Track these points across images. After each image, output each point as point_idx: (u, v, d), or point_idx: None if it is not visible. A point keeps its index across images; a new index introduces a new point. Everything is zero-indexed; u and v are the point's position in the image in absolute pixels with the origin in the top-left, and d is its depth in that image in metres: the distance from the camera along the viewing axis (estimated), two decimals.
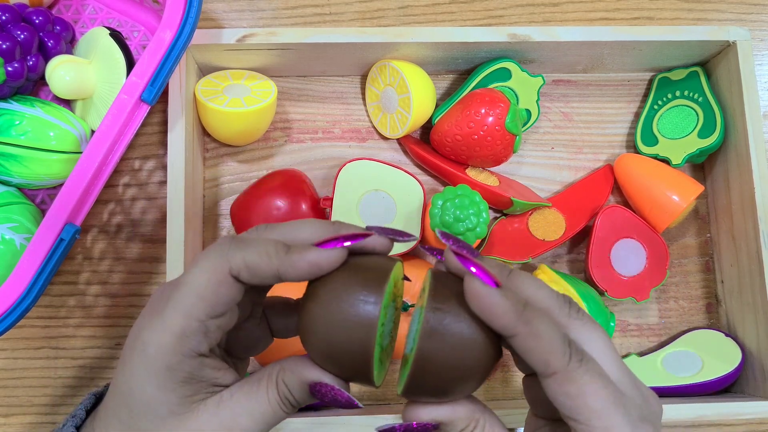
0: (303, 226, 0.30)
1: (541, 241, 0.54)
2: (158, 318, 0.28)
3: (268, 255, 0.28)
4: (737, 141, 0.53)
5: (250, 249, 0.28)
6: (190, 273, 0.29)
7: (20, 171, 0.47)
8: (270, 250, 0.28)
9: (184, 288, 0.28)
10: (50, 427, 0.53)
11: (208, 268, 0.28)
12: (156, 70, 0.45)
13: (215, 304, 0.28)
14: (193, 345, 0.29)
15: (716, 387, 0.52)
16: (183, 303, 0.28)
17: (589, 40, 0.52)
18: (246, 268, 0.28)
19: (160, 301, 0.29)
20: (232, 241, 0.29)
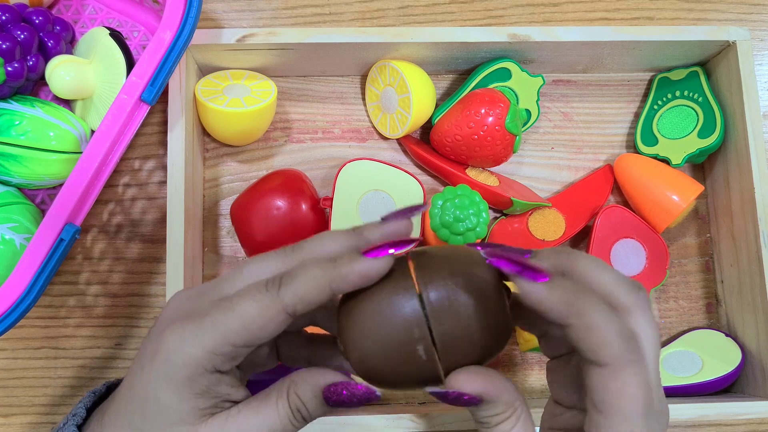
0: (325, 240, 0.31)
1: (541, 241, 0.54)
2: (192, 330, 0.28)
3: (316, 279, 0.28)
4: (737, 141, 0.53)
5: (299, 279, 0.28)
6: (240, 301, 0.29)
7: (20, 171, 0.47)
8: (317, 274, 0.28)
9: (232, 314, 0.28)
10: (50, 427, 0.53)
11: (261, 303, 0.28)
12: (156, 70, 0.45)
13: (259, 337, 0.29)
14: (218, 363, 0.29)
15: (716, 387, 0.52)
16: (226, 326, 0.28)
17: (589, 40, 0.52)
18: (300, 301, 0.28)
19: (194, 314, 0.29)
20: (278, 279, 0.29)
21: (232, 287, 0.30)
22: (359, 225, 0.32)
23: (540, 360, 0.55)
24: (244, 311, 0.28)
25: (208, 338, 0.28)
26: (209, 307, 0.29)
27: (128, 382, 0.30)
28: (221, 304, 0.29)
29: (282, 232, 0.50)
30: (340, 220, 0.50)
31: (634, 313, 0.28)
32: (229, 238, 0.55)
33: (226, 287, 0.30)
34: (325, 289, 0.28)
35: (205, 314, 0.29)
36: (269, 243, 0.50)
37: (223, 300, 0.29)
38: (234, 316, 0.28)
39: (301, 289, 0.28)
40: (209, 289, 0.31)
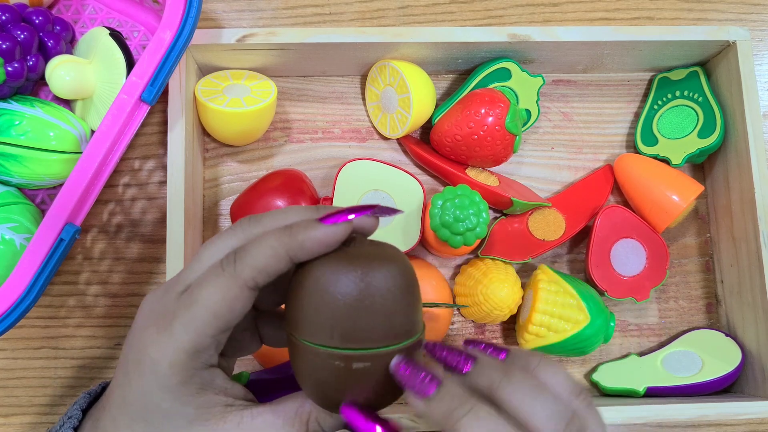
0: (287, 212, 0.30)
1: (541, 241, 0.54)
2: (166, 335, 0.28)
3: (273, 248, 0.28)
4: (737, 141, 0.53)
5: (254, 252, 0.28)
6: (200, 290, 0.28)
7: (20, 171, 0.47)
8: (273, 242, 0.28)
9: (196, 307, 0.28)
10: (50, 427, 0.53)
11: (220, 285, 0.28)
12: (156, 70, 0.45)
13: (230, 319, 0.28)
14: (206, 359, 0.29)
15: (716, 387, 0.52)
16: (195, 322, 0.28)
17: (589, 40, 0.52)
18: (259, 273, 0.28)
19: (163, 316, 0.29)
20: (233, 255, 0.28)
21: (193, 274, 0.29)
22: (322, 205, 0.31)
23: None
24: (207, 299, 0.28)
25: (184, 340, 0.28)
26: (175, 305, 0.29)
27: (119, 391, 0.30)
28: (184, 299, 0.28)
29: None
30: None
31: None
32: None
33: (188, 276, 0.30)
34: (283, 257, 0.28)
35: (173, 315, 0.28)
36: None
37: (186, 294, 0.29)
38: (199, 309, 0.28)
39: (258, 261, 0.28)
40: (174, 282, 0.30)
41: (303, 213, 0.30)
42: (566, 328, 0.49)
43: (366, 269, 0.28)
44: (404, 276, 0.29)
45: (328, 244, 0.28)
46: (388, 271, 0.28)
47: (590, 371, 0.55)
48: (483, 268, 0.52)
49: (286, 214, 0.30)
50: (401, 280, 0.29)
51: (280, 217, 0.30)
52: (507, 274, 0.51)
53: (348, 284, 0.27)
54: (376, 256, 0.29)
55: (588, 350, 0.51)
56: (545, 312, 0.50)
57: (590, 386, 0.55)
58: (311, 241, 0.28)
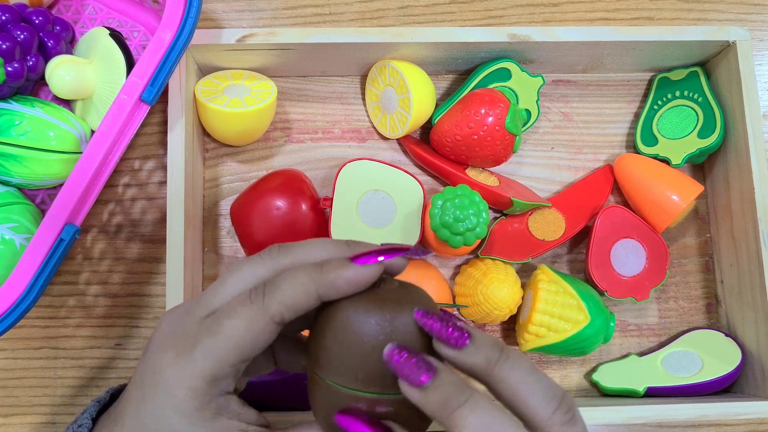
0: (316, 246, 0.30)
1: (541, 241, 0.54)
2: (186, 360, 0.28)
3: (303, 286, 0.28)
4: (737, 141, 0.53)
5: (284, 288, 0.28)
6: (225, 320, 0.28)
7: (20, 171, 0.47)
8: (304, 279, 0.28)
9: (221, 336, 0.28)
10: (50, 428, 0.53)
11: (247, 317, 0.28)
12: (156, 70, 0.45)
13: (252, 351, 0.28)
14: (223, 386, 0.29)
15: (716, 387, 0.52)
16: (218, 350, 0.28)
17: (589, 40, 0.52)
18: (287, 309, 0.28)
19: (183, 339, 0.29)
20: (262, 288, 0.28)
21: (217, 299, 0.29)
22: (353, 240, 0.31)
23: (540, 360, 0.55)
24: (232, 330, 0.28)
25: (205, 367, 0.28)
26: (197, 329, 0.29)
27: (134, 409, 0.30)
28: (208, 326, 0.28)
29: (282, 232, 0.50)
30: (340, 220, 0.50)
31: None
32: (229, 238, 0.55)
33: (212, 300, 0.30)
34: (312, 295, 0.28)
35: (194, 339, 0.28)
36: (269, 243, 0.50)
37: (210, 320, 0.29)
38: (223, 338, 0.28)
39: (287, 297, 0.28)
40: (196, 305, 0.30)
41: (333, 248, 0.30)
42: (566, 328, 0.49)
43: (394, 313, 0.28)
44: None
45: (359, 285, 0.28)
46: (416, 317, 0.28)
47: (590, 371, 0.55)
48: (483, 268, 0.52)
49: (315, 247, 0.30)
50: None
51: (311, 249, 0.30)
52: (507, 274, 0.51)
53: (376, 328, 0.28)
54: (405, 300, 0.29)
55: (588, 350, 0.51)
56: (545, 312, 0.50)
57: (590, 386, 0.55)
58: (342, 280, 0.28)
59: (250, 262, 0.30)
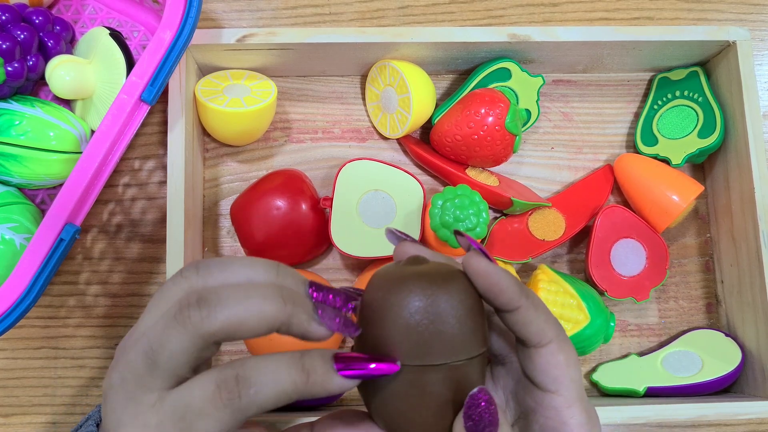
0: (247, 304, 0.26)
1: (541, 241, 0.54)
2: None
3: (286, 393, 0.26)
4: (737, 141, 0.53)
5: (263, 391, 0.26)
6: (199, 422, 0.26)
7: (20, 171, 0.47)
8: (287, 387, 0.26)
9: None
10: (50, 428, 0.53)
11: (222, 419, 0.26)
12: (156, 70, 0.45)
13: None
14: None
15: (716, 387, 0.52)
16: None
17: (589, 40, 0.52)
18: (265, 411, 0.26)
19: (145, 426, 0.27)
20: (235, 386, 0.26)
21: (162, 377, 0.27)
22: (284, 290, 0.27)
23: None
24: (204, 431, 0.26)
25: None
26: (158, 417, 0.26)
27: None
28: (175, 422, 0.26)
29: (282, 232, 0.50)
30: (340, 220, 0.50)
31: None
32: (229, 238, 0.55)
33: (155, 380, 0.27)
34: (293, 399, 0.27)
35: (159, 430, 0.26)
36: (269, 243, 0.50)
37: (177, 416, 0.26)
38: None
39: (269, 401, 0.26)
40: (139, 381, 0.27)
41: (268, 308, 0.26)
42: (566, 328, 0.49)
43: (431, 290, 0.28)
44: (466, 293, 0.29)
45: (341, 393, 0.28)
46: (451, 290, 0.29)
47: (590, 371, 0.55)
48: None
49: (245, 304, 0.26)
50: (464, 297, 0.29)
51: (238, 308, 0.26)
52: None
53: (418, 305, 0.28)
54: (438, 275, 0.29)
55: (588, 350, 0.51)
56: None
57: (590, 386, 0.55)
58: (325, 393, 0.27)
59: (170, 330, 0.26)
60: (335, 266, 0.55)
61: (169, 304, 0.27)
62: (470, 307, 0.28)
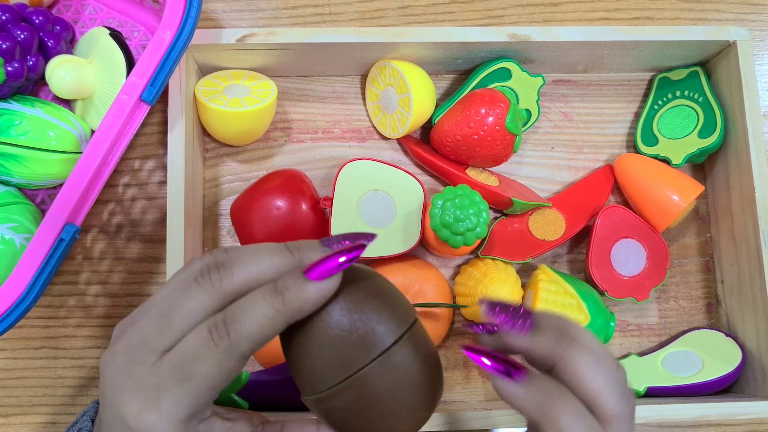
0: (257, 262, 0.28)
1: (541, 241, 0.54)
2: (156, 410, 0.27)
3: (269, 319, 0.27)
4: (737, 141, 0.53)
5: (248, 323, 0.27)
6: (193, 367, 0.27)
7: (20, 171, 0.47)
8: (268, 311, 0.27)
9: (191, 384, 0.27)
10: (50, 428, 0.53)
11: (216, 359, 0.27)
12: (156, 70, 0.45)
13: (224, 384, 0.28)
14: (200, 417, 0.29)
15: (716, 387, 0.52)
16: (189, 396, 0.27)
17: (589, 40, 0.52)
18: (256, 344, 0.27)
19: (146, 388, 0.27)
20: (223, 326, 0.27)
21: (165, 339, 0.28)
22: (290, 243, 0.29)
23: None
24: (203, 375, 0.27)
25: (178, 413, 0.27)
26: (158, 376, 0.27)
27: None
28: (172, 374, 0.27)
29: (282, 232, 0.50)
30: (340, 220, 0.50)
31: (614, 425, 0.28)
32: (229, 238, 0.55)
33: (159, 341, 0.28)
34: (280, 324, 0.27)
35: (158, 388, 0.27)
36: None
37: (171, 367, 0.27)
38: (194, 384, 0.27)
39: (255, 333, 0.27)
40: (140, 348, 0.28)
41: (276, 258, 0.28)
42: None
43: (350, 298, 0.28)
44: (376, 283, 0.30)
45: (323, 300, 0.28)
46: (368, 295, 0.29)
47: None
48: (483, 268, 0.52)
49: (257, 263, 0.28)
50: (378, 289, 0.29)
51: (252, 266, 0.28)
52: (507, 274, 0.51)
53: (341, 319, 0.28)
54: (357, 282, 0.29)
55: None
56: None
57: None
58: (309, 304, 0.27)
59: (189, 291, 0.28)
60: None
61: (189, 275, 0.28)
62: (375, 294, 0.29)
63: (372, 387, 0.28)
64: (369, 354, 0.28)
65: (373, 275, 0.30)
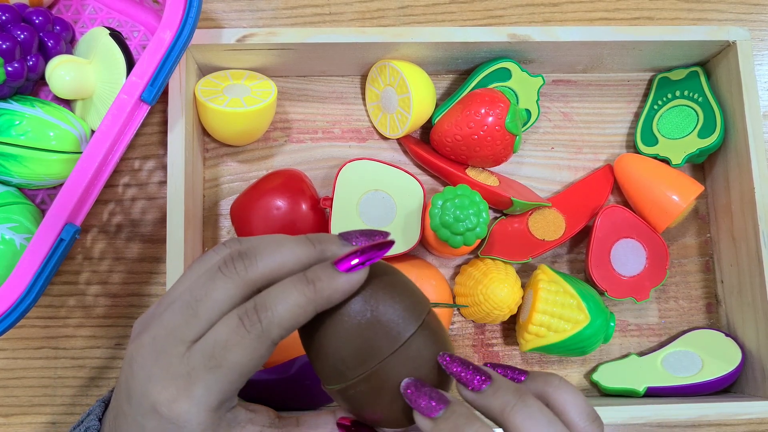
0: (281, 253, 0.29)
1: (541, 241, 0.54)
2: (189, 398, 0.28)
3: (300, 307, 0.28)
4: (737, 141, 0.53)
5: (280, 311, 0.28)
6: (226, 354, 0.27)
7: (20, 171, 0.47)
8: (299, 300, 0.28)
9: (223, 371, 0.28)
10: (50, 428, 0.53)
11: (249, 347, 0.28)
12: (156, 70, 0.45)
13: (255, 370, 0.29)
14: (228, 405, 0.29)
15: (716, 387, 0.52)
16: (221, 384, 0.28)
17: (589, 40, 0.52)
18: (287, 330, 0.28)
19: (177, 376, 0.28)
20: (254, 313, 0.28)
21: (194, 328, 0.28)
22: (310, 235, 0.30)
23: (540, 360, 0.55)
24: (235, 362, 0.28)
25: (210, 401, 0.28)
26: (188, 365, 0.28)
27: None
28: (204, 363, 0.28)
29: (282, 232, 0.50)
30: (340, 220, 0.50)
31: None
32: (230, 238, 0.55)
33: (188, 331, 0.28)
34: (310, 312, 0.28)
35: (189, 377, 0.28)
36: None
37: (202, 355, 0.28)
38: (226, 371, 0.28)
39: (286, 320, 0.28)
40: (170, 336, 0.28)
41: (299, 251, 0.30)
42: (566, 328, 0.49)
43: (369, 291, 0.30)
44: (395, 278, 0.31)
45: (352, 291, 0.29)
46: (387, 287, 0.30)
47: (590, 371, 0.55)
48: (483, 268, 0.52)
49: (281, 254, 0.29)
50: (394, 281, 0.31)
51: (276, 254, 0.29)
52: (507, 274, 0.51)
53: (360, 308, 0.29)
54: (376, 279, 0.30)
55: (588, 350, 0.51)
56: (545, 312, 0.50)
57: (590, 386, 0.55)
58: (338, 294, 0.28)
59: (214, 281, 0.29)
60: None
61: (209, 266, 0.29)
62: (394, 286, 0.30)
63: (393, 375, 0.29)
64: (391, 344, 0.29)
65: (391, 269, 0.32)
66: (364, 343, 0.29)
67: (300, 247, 0.30)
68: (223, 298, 0.28)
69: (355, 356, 0.29)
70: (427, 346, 0.30)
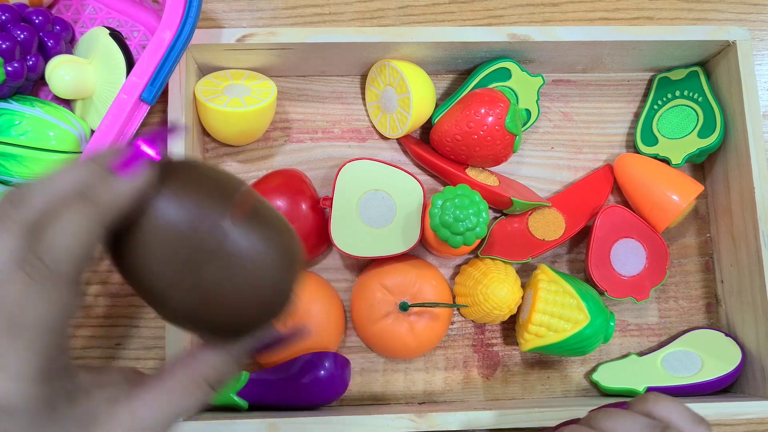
0: (55, 177, 0.26)
1: (541, 241, 0.54)
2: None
3: (82, 227, 0.25)
4: (737, 141, 0.53)
5: (60, 240, 0.24)
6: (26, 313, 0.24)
7: (20, 171, 0.47)
8: (79, 220, 0.24)
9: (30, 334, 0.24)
10: None
11: (44, 297, 0.24)
12: (156, 70, 0.45)
13: (65, 328, 0.25)
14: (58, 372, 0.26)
15: (716, 387, 0.52)
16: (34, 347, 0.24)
17: (589, 40, 0.52)
18: (78, 261, 0.25)
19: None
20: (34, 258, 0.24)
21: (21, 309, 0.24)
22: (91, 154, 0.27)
23: (540, 360, 0.55)
24: (37, 318, 0.24)
25: (29, 370, 0.24)
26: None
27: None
28: (6, 331, 0.24)
29: None
30: (340, 219, 0.50)
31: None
32: None
33: None
34: (97, 231, 0.25)
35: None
36: None
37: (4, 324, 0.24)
38: (33, 333, 0.24)
39: (72, 247, 0.24)
40: None
41: (76, 171, 0.26)
42: (566, 328, 0.49)
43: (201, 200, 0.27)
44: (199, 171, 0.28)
45: (139, 193, 0.26)
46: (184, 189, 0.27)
47: (590, 371, 0.55)
48: (483, 268, 0.52)
49: (53, 178, 0.26)
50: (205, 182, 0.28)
51: (47, 185, 0.25)
52: (507, 274, 0.51)
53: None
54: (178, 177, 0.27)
55: (588, 350, 0.51)
56: (545, 312, 0.50)
57: (590, 386, 0.55)
58: (121, 199, 0.25)
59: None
60: (335, 266, 0.55)
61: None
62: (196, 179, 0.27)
63: (214, 272, 0.26)
64: (203, 240, 0.26)
65: (193, 163, 0.28)
66: (173, 245, 0.26)
67: (78, 168, 0.26)
68: (3, 258, 0.24)
69: (165, 260, 0.26)
70: (246, 231, 0.27)
